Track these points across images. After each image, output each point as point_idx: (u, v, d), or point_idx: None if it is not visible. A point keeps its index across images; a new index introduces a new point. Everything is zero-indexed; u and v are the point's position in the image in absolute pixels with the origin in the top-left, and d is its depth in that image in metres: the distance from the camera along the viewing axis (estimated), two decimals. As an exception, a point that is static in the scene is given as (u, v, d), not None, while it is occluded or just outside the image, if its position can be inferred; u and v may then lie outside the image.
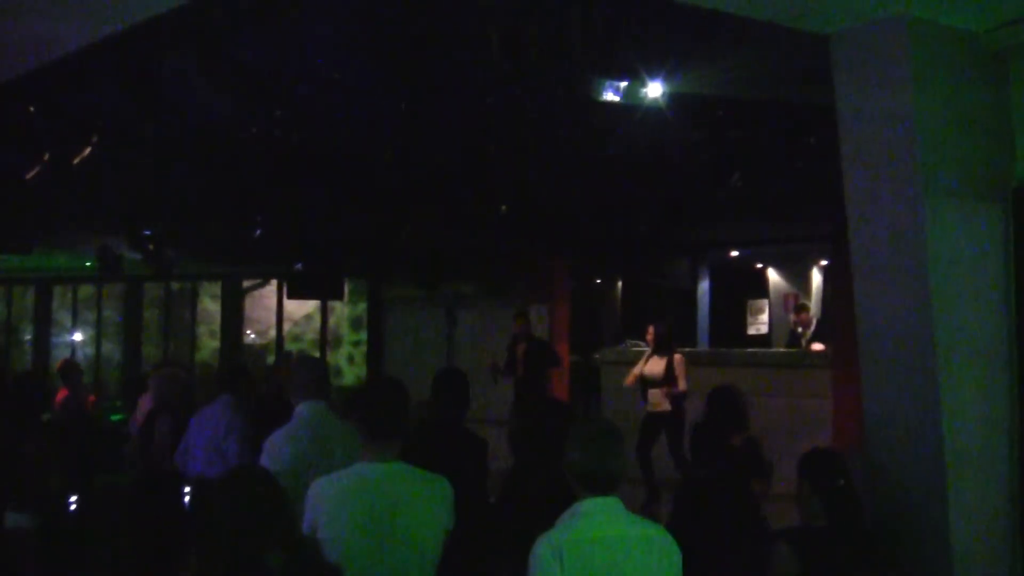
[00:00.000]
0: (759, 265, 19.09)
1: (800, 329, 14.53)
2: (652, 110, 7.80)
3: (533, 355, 13.60)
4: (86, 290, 22.58)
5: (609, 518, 3.89)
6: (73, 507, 7.23)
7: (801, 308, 15.13)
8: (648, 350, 12.16)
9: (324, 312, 20.86)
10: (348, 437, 5.75)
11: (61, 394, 11.09)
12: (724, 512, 5.57)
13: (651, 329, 12.15)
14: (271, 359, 20.16)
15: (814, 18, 5.52)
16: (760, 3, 5.34)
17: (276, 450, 5.57)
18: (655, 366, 11.80)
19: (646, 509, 10.54)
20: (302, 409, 5.81)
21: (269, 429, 5.83)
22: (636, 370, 12.03)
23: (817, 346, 13.47)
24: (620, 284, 19.98)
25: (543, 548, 3.80)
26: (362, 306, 20.88)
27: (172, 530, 6.10)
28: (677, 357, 11.78)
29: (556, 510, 3.97)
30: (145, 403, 9.87)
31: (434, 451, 5.31)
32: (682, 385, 11.55)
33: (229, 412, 7.52)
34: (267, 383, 11.19)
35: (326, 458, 5.43)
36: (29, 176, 8.75)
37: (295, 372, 6.13)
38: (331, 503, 4.28)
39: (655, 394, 11.72)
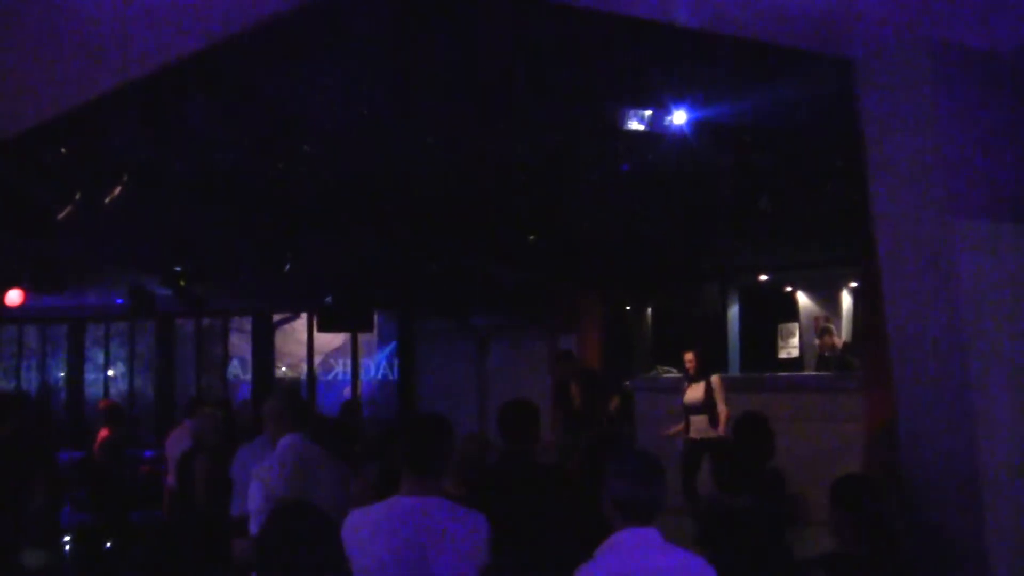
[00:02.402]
0: (789, 288, 18.98)
1: (826, 353, 14.41)
2: (678, 136, 7.81)
3: (588, 389, 13.23)
4: (119, 327, 22.74)
5: (648, 549, 3.86)
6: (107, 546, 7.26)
7: (824, 332, 14.98)
8: (685, 379, 11.99)
9: (355, 345, 20.92)
10: (331, 467, 5.88)
11: (103, 433, 11.14)
12: (750, 541, 5.53)
13: (691, 356, 11.92)
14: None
15: (838, 43, 5.52)
16: (784, 29, 5.35)
17: (269, 483, 5.61)
18: (694, 392, 11.66)
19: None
20: (285, 442, 5.85)
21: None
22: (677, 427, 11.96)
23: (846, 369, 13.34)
24: (650, 311, 19.93)
25: (583, 580, 3.79)
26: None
27: (208, 572, 6.11)
28: (714, 379, 11.65)
29: (594, 541, 3.96)
30: (175, 441, 9.88)
31: (509, 488, 5.33)
32: (722, 408, 11.41)
33: (267, 451, 7.40)
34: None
35: (313, 489, 5.51)
36: (61, 216, 8.84)
37: (272, 405, 6.09)
38: (365, 534, 4.28)
39: (698, 420, 11.59)
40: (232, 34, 5.29)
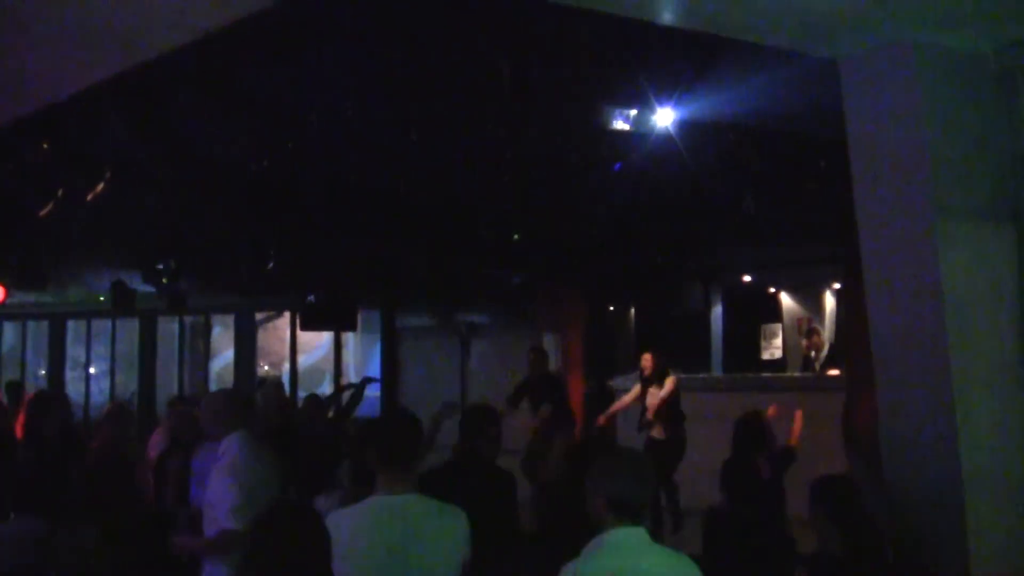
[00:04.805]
0: (772, 289, 19.00)
1: (813, 353, 14.44)
2: (663, 136, 7.82)
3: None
4: (100, 324, 22.62)
5: (636, 549, 3.84)
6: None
7: (812, 332, 15.04)
8: (639, 381, 11.81)
9: (337, 343, 20.86)
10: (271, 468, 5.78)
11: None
12: (756, 547, 5.55)
13: (648, 356, 11.73)
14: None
15: (823, 44, 5.54)
16: (769, 29, 5.36)
17: (243, 478, 5.56)
18: (654, 398, 11.49)
19: (674, 536, 10.42)
20: (234, 439, 5.72)
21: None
22: (626, 399, 11.85)
23: (833, 372, 13.37)
24: (633, 311, 19.92)
25: (569, 579, 3.79)
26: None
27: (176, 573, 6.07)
28: (669, 383, 11.45)
29: (581, 541, 3.94)
30: (155, 440, 9.82)
31: (461, 488, 5.31)
32: (653, 404, 11.29)
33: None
34: (280, 415, 11.17)
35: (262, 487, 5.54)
36: (43, 213, 8.80)
37: (210, 406, 6.03)
38: (346, 535, 4.25)
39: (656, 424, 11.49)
40: (218, 29, 5.27)
